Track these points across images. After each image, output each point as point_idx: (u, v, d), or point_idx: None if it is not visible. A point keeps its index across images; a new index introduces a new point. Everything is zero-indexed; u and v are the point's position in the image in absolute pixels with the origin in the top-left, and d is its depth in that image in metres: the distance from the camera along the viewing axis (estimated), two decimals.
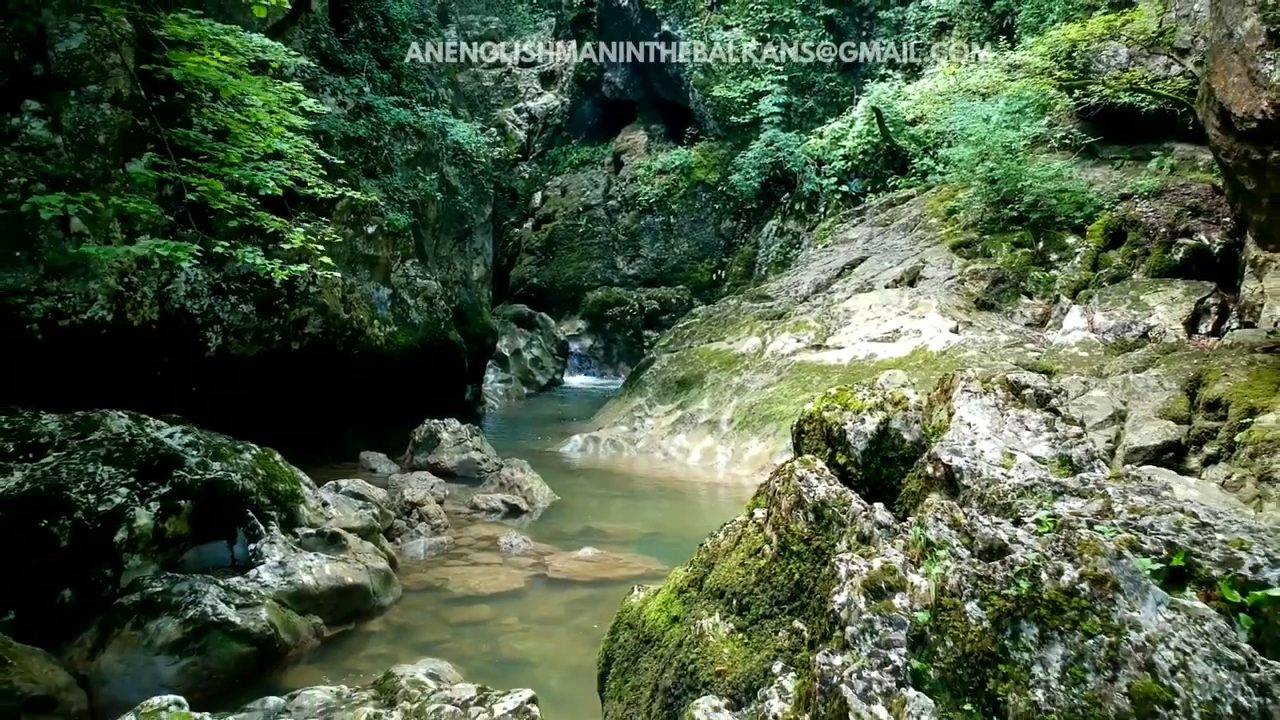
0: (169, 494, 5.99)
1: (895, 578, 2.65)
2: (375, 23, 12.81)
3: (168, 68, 5.89)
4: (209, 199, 5.88)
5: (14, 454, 6.22)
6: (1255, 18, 8.62)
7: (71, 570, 5.54)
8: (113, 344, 9.43)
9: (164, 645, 5.22)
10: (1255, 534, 2.56)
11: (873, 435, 3.52)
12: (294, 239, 6.21)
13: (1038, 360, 10.97)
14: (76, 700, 4.96)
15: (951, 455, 3.29)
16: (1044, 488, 3.01)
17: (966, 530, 2.77)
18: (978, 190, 15.10)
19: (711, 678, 3.09)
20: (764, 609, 3.21)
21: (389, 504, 8.25)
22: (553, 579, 7.22)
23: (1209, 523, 2.62)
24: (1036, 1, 16.74)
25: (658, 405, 13.39)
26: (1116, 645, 2.34)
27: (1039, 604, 2.50)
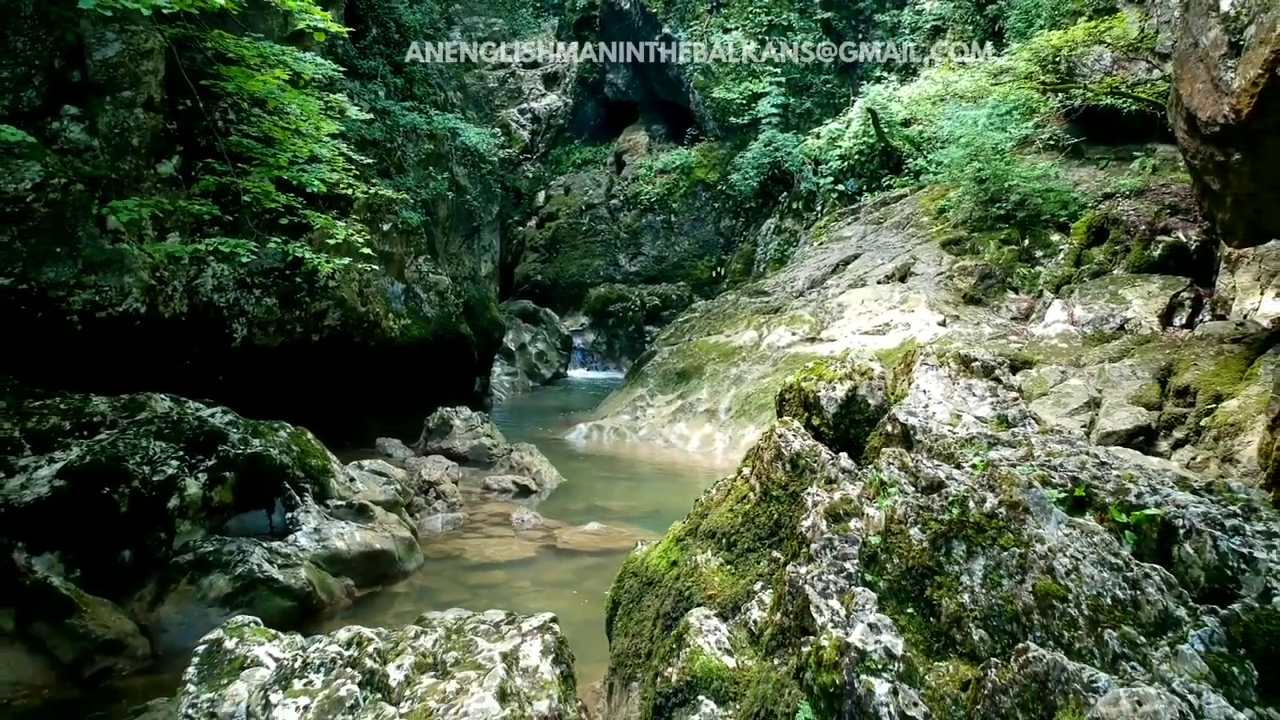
0: (214, 466, 6.59)
1: (852, 506, 3.25)
2: (388, 29, 13.40)
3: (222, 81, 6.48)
4: (262, 199, 6.47)
5: (70, 431, 6.83)
6: (1218, 28, 9.19)
7: (130, 533, 6.14)
8: (146, 334, 10.01)
9: (216, 598, 5.82)
10: (1142, 470, 3.15)
11: (842, 400, 4.12)
12: (338, 234, 6.80)
13: (1019, 351, 11.56)
14: (140, 645, 5.57)
15: (908, 416, 3.88)
16: (981, 440, 3.60)
17: (913, 471, 3.37)
18: (967, 190, 15.68)
19: (704, 600, 3.69)
20: (748, 544, 3.81)
21: (408, 483, 8.85)
22: (561, 549, 7.82)
23: (1107, 463, 3.21)
24: (1024, 7, 17.31)
25: (659, 395, 13.99)
26: (1025, 555, 2.94)
27: (967, 526, 3.10)
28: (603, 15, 28.41)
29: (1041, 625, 2.80)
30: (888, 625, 2.76)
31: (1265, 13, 8.73)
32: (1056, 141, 16.19)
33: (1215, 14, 9.30)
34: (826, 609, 2.88)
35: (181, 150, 10.43)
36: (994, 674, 2.67)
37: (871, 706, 2.53)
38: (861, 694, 2.56)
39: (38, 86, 9.52)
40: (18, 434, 6.63)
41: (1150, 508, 2.96)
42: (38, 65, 9.56)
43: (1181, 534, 2.89)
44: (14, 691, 5.02)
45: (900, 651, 2.65)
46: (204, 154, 10.44)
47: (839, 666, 2.64)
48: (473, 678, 3.16)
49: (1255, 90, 8.62)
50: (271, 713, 3.05)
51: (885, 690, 2.54)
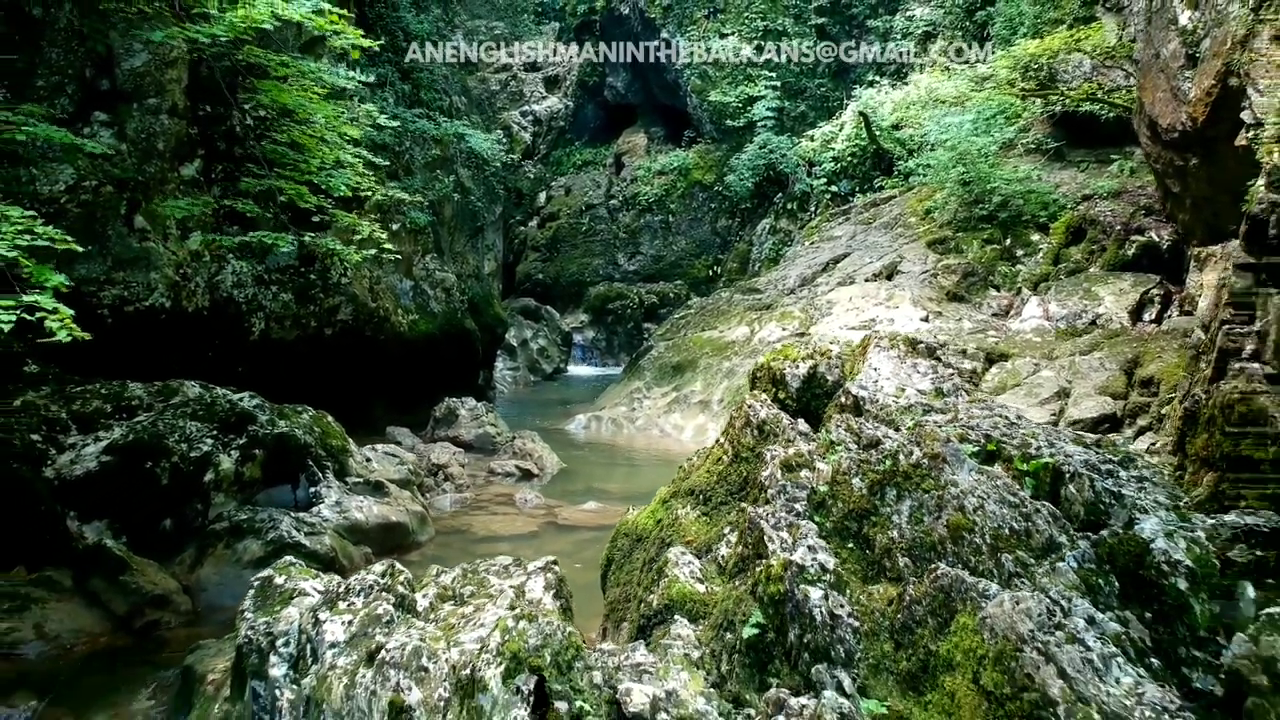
0: (245, 444, 7.23)
1: (803, 459, 3.88)
2: (397, 38, 14.03)
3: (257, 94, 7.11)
4: (296, 200, 7.10)
5: (111, 414, 7.48)
6: (1177, 41, 9.82)
7: (170, 504, 6.78)
8: (170, 328, 10.63)
9: (250, 561, 6.44)
10: (1042, 428, 3.79)
11: (804, 377, 4.75)
12: (363, 230, 7.44)
13: (996, 345, 12.18)
14: (184, 602, 6.20)
15: (859, 389, 4.52)
16: (918, 407, 4.23)
17: (856, 432, 4.00)
18: (952, 191, 16.31)
19: (683, 544, 4.32)
20: (721, 498, 4.45)
21: (418, 466, 9.48)
22: (562, 525, 8.45)
23: (1016, 423, 3.85)
24: (1009, 15, 17.94)
25: (655, 388, 14.63)
26: (942, 497, 3.57)
27: (897, 475, 3.73)
28: (602, 20, 29.03)
29: (953, 552, 3.44)
30: (824, 548, 3.39)
31: (1219, 27, 9.35)
32: (1039, 145, 16.82)
33: (1175, 28, 9.93)
34: (777, 538, 3.51)
35: (203, 154, 11.05)
36: (911, 589, 3.31)
37: (807, 608, 3.17)
38: (800, 599, 3.19)
39: (70, 94, 10.13)
40: (64, 415, 7.27)
41: (1045, 457, 3.60)
42: (70, 75, 10.17)
43: (1068, 478, 3.53)
44: (75, 638, 5.65)
45: (832, 567, 3.29)
46: (224, 157, 11.07)
47: (783, 579, 3.28)
48: (486, 603, 3.79)
49: (1209, 99, 9.24)
50: (321, 628, 3.68)
51: (818, 595, 3.18)
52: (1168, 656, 3.07)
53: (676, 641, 3.37)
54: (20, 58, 9.78)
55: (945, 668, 3.09)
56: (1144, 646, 3.06)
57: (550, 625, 3.17)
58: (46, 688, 5.18)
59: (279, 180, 7.09)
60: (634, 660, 3.22)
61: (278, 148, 7.42)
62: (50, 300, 4.86)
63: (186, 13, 6.48)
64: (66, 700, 5.13)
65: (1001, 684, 2.87)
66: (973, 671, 2.98)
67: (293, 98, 7.00)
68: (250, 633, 3.88)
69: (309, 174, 7.14)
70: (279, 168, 7.29)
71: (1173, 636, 3.09)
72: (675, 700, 3.00)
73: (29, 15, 9.88)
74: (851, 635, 3.14)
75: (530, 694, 2.97)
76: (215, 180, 10.83)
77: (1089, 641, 2.82)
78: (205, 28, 6.13)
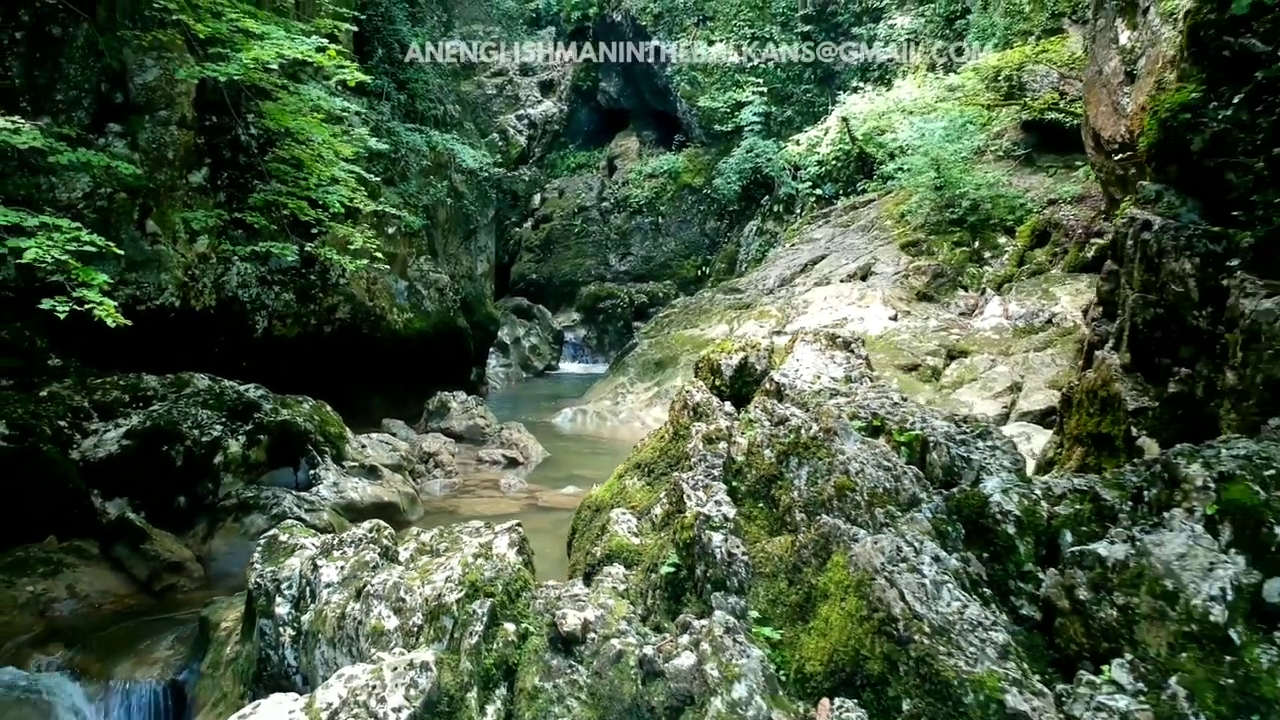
0: (251, 430, 7.97)
1: (722, 434, 4.62)
2: (393, 50, 14.76)
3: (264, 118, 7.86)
4: (298, 213, 7.86)
5: (129, 403, 8.22)
6: (1118, 59, 10.55)
7: (184, 483, 7.52)
8: (179, 325, 11.36)
9: (256, 533, 7.16)
10: (920, 408, 4.52)
11: (736, 367, 5.49)
12: (356, 241, 8.18)
13: (957, 342, 12.93)
14: (197, 569, 6.94)
15: (781, 376, 5.26)
16: (826, 391, 4.97)
17: (770, 412, 4.74)
18: (925, 196, 17.05)
19: (627, 508, 5.06)
20: (661, 470, 5.19)
21: (410, 454, 10.22)
22: (542, 506, 9.19)
23: (899, 404, 4.58)
24: (982, 27, 18.67)
25: (638, 383, 15.37)
26: (831, 462, 4.31)
27: (799, 446, 4.47)
28: (595, 27, 29.75)
29: (839, 507, 4.18)
30: (728, 503, 4.14)
31: (1153, 46, 10.10)
32: (1009, 151, 17.55)
33: (1116, 46, 10.67)
34: (694, 496, 4.25)
35: (210, 162, 11.77)
36: (801, 536, 4.06)
37: (710, 549, 3.91)
38: (705, 541, 3.94)
39: (86, 107, 10.86)
40: (87, 404, 8.02)
41: (916, 430, 4.34)
42: (86, 89, 10.91)
43: (931, 446, 4.27)
44: (103, 598, 6.40)
45: (732, 516, 4.03)
46: (229, 165, 11.80)
47: (694, 527, 4.02)
48: (456, 554, 4.53)
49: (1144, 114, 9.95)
50: (318, 573, 4.43)
51: (720, 538, 3.92)
52: (999, 588, 3.82)
53: (608, 579, 4.11)
54: (41, 73, 10.53)
55: (822, 598, 3.83)
56: (980, 579, 3.80)
57: (504, 562, 3.91)
58: (79, 639, 5.93)
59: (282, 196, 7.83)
60: (573, 593, 3.96)
61: (281, 165, 8.15)
62: (97, 294, 5.62)
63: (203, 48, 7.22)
64: (96, 650, 5.87)
65: (860, 607, 3.61)
66: (841, 599, 3.72)
67: (293, 120, 7.74)
68: (259, 579, 4.62)
69: (308, 190, 7.88)
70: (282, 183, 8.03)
71: (1004, 572, 3.83)
72: (603, 622, 3.73)
73: (49, 34, 10.63)
74: (744, 570, 3.89)
75: (485, 615, 3.72)
76: (221, 187, 11.58)
77: (925, 572, 3.56)
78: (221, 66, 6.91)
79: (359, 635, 3.99)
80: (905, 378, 12.48)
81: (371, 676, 3.43)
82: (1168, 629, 3.22)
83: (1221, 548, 3.29)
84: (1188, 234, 4.68)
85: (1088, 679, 3.32)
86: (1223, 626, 3.12)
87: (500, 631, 3.69)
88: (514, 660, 3.65)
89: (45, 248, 5.42)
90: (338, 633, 4.11)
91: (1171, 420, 4.59)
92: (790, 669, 3.83)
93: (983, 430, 4.37)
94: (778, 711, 3.41)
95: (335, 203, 7.85)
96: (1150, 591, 3.29)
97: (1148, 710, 3.13)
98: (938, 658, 3.33)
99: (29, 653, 5.72)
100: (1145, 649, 3.28)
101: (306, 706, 3.43)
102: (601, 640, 3.61)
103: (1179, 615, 3.19)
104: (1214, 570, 3.18)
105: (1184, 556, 3.25)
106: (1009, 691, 3.24)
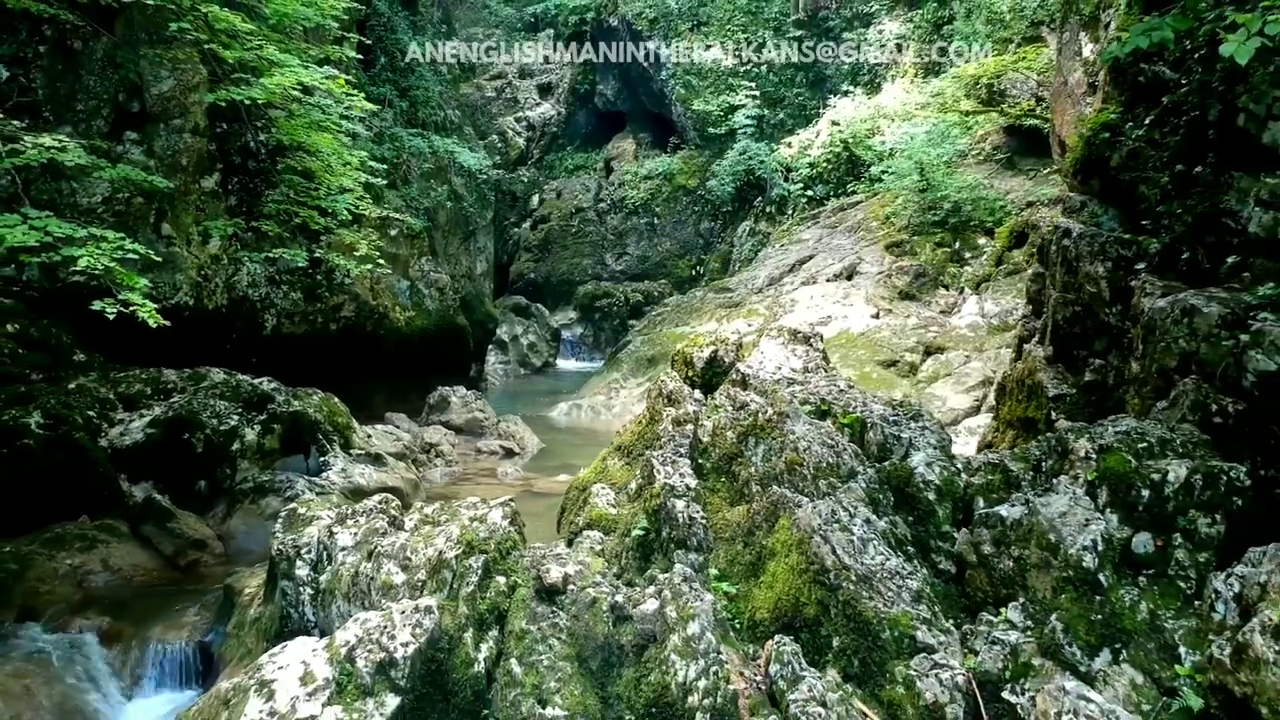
0: (266, 420, 8.59)
1: (691, 416, 5.24)
2: (395, 59, 15.38)
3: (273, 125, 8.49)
4: (309, 221, 8.48)
5: (151, 395, 8.85)
6: (1080, 70, 11.16)
7: (204, 468, 8.14)
8: (193, 323, 11.96)
9: (270, 514, 7.78)
10: (863, 393, 5.14)
11: (707, 359, 6.11)
12: (361, 246, 8.81)
13: (934, 339, 13.54)
14: (217, 546, 7.57)
15: (746, 368, 5.88)
16: (785, 381, 5.59)
17: (733, 398, 5.35)
18: (908, 198, 17.65)
19: (607, 483, 5.68)
20: (639, 452, 5.80)
21: (413, 444, 10.84)
22: (536, 492, 9.81)
23: (845, 391, 5.20)
24: (965, 34, 19.27)
25: (631, 379, 15.99)
26: (784, 441, 4.92)
27: (756, 427, 5.09)
28: (593, 31, 30.33)
29: (789, 480, 4.79)
30: (691, 475, 4.76)
31: None
32: (990, 155, 18.16)
33: (1079, 58, 11.28)
34: (663, 471, 4.87)
35: (221, 168, 12.39)
36: (755, 504, 4.68)
37: (674, 514, 4.53)
38: (670, 508, 4.56)
39: (105, 117, 11.48)
40: (112, 396, 8.64)
41: (856, 413, 4.96)
42: (105, 99, 11.52)
43: (869, 426, 4.89)
44: (134, 571, 7.01)
45: (694, 486, 4.66)
46: (239, 171, 12.42)
47: (660, 495, 4.64)
48: (454, 523, 5.15)
49: None
50: (334, 538, 5.04)
51: (682, 505, 4.54)
52: (922, 546, 4.44)
53: (587, 540, 4.73)
54: (63, 85, 11.15)
55: (770, 556, 4.45)
56: (905, 539, 4.42)
57: (496, 525, 4.53)
58: (114, 608, 6.54)
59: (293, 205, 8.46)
60: (555, 553, 4.58)
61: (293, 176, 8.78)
62: (139, 297, 6.25)
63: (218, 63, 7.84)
64: (129, 616, 6.49)
65: (800, 562, 4.23)
66: (786, 555, 4.34)
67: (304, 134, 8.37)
68: (281, 546, 5.24)
69: (318, 200, 8.51)
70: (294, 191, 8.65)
71: (926, 533, 4.45)
72: (581, 575, 4.35)
73: (71, 48, 11.26)
74: (703, 531, 4.51)
75: (479, 569, 4.33)
76: (231, 191, 12.19)
77: (855, 531, 4.18)
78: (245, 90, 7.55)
79: (370, 590, 4.61)
80: (884, 373, 13.10)
81: (383, 619, 4.04)
82: (1051, 575, 3.84)
83: (1099, 508, 3.91)
84: (1101, 240, 5.29)
85: (987, 619, 3.94)
86: (1093, 572, 3.74)
87: (493, 583, 4.31)
88: (504, 607, 4.26)
89: (95, 256, 6.03)
90: (352, 589, 4.72)
91: (1086, 405, 5.21)
92: (744, 618, 4.45)
93: (915, 413, 4.99)
94: (726, 647, 4.02)
95: (342, 210, 8.47)
96: (1038, 545, 3.91)
97: (1032, 642, 3.75)
98: (861, 601, 3.95)
99: (70, 618, 6.34)
100: (1034, 593, 3.90)
101: (328, 645, 4.05)
102: (579, 590, 4.23)
103: (1060, 564, 3.81)
104: (1089, 526, 3.80)
105: (1065, 515, 3.87)
106: (919, 629, 3.86)
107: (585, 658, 4.01)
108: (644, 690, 3.85)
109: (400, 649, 3.88)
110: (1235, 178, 4.95)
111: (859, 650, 3.90)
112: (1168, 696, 3.51)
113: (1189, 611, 3.67)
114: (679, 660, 3.79)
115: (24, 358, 9.08)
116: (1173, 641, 3.62)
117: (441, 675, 4.00)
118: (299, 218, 8.64)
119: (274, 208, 8.94)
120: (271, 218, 8.96)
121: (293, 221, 8.82)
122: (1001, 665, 3.71)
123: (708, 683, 3.72)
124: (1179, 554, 3.77)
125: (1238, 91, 4.94)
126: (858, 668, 3.87)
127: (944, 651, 3.80)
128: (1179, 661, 3.57)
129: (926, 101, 16.90)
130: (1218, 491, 3.86)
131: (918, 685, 3.69)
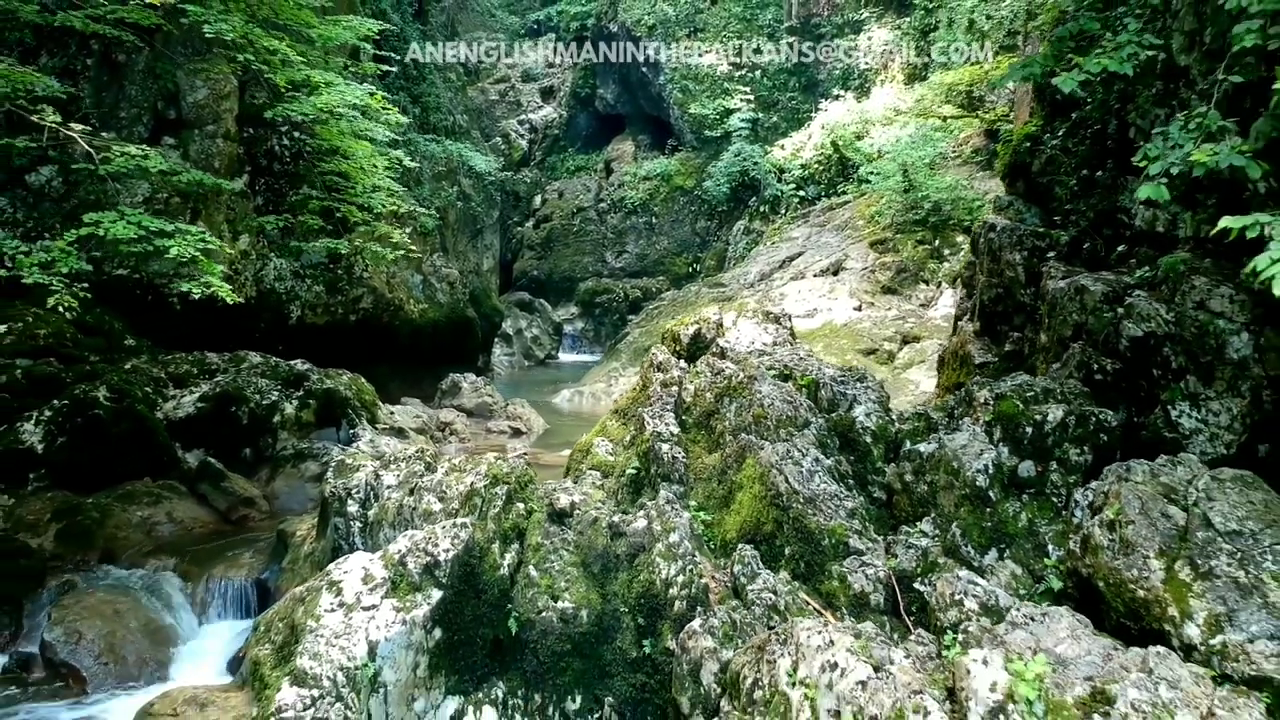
0: (302, 396, 9.63)
1: (675, 380, 6.28)
2: (408, 67, 16.41)
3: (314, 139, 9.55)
4: (349, 216, 9.53)
5: (198, 375, 9.89)
6: None
7: (249, 438, 9.18)
8: (225, 313, 12.90)
9: (310, 477, 8.83)
10: (822, 363, 6.18)
11: (691, 336, 7.15)
12: (395, 237, 9.87)
13: (911, 330, 14.57)
14: (264, 504, 8.60)
15: (725, 342, 6.91)
16: (756, 352, 6.62)
17: (712, 366, 6.38)
18: (892, 198, 18.69)
19: (606, 438, 6.72)
20: (633, 414, 6.84)
21: (429, 423, 11.87)
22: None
23: (804, 359, 6.24)
24: (947, 41, 20.29)
25: (629, 368, 17.01)
26: (751, 399, 5.96)
27: (730, 388, 6.12)
28: (594, 36, 31.38)
29: (756, 430, 5.83)
30: (675, 425, 5.80)
31: None
32: (970, 157, 19.19)
33: None
34: (652, 422, 5.91)
35: (249, 170, 13.43)
36: (727, 450, 5.71)
37: (661, 454, 5.57)
38: (657, 449, 5.60)
39: (145, 123, 12.52)
40: (163, 375, 9.68)
41: (812, 375, 5.99)
42: (146, 107, 12.57)
43: (821, 385, 5.92)
44: (194, 523, 8.05)
45: (676, 433, 5.69)
46: (265, 173, 13.47)
47: (649, 440, 5.68)
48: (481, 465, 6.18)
49: None
50: (380, 479, 6.08)
51: (667, 447, 5.58)
52: (860, 479, 5.48)
53: (589, 477, 5.77)
54: (108, 94, 12.20)
55: (738, 489, 5.49)
56: (847, 474, 5.46)
57: (516, 463, 5.57)
58: (179, 552, 7.58)
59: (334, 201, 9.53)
60: (564, 486, 5.62)
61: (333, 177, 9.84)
62: (218, 279, 7.29)
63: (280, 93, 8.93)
64: (194, 559, 7.52)
65: (761, 490, 5.26)
66: (750, 486, 5.38)
67: (341, 140, 9.42)
68: (333, 489, 6.27)
69: (357, 197, 9.57)
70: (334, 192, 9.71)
71: (864, 469, 5.49)
72: (585, 502, 5.39)
73: (115, 60, 12.32)
74: (684, 469, 5.55)
75: (503, 496, 5.37)
76: (259, 191, 13.24)
77: (805, 465, 5.22)
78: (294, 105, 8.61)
79: (414, 517, 5.64)
80: (865, 360, 14.12)
81: (428, 533, 5.08)
82: (954, 494, 4.88)
83: (993, 442, 4.95)
84: (1019, 233, 6.33)
85: (905, 530, 4.98)
86: (985, 490, 4.78)
87: (514, 508, 5.34)
88: (523, 527, 5.29)
89: (183, 246, 7.07)
90: (397, 518, 5.76)
91: (1005, 372, 6.24)
92: (717, 540, 5.48)
93: (860, 375, 6.03)
94: (701, 556, 5.06)
95: (379, 205, 9.52)
96: (945, 471, 4.95)
97: (938, 545, 4.79)
98: (807, 517, 4.99)
99: (144, 559, 7.38)
100: (942, 509, 4.94)
101: (383, 555, 5.08)
102: (584, 513, 5.27)
103: (960, 485, 4.85)
104: (982, 455, 4.84)
105: (965, 447, 4.91)
106: (851, 537, 4.90)
107: (588, 564, 5.05)
108: (635, 587, 4.89)
109: (443, 554, 4.91)
110: (1128, 181, 5.97)
111: (804, 555, 4.93)
112: (1038, 582, 4.54)
113: (1059, 520, 4.69)
114: (662, 562, 4.82)
115: (84, 342, 10.13)
116: (1044, 543, 4.64)
117: (474, 578, 5.03)
118: (340, 212, 9.68)
119: (316, 204, 9.98)
120: (315, 213, 10.00)
121: (335, 215, 9.86)
122: (914, 564, 4.74)
123: (685, 578, 4.76)
124: (1054, 477, 4.79)
125: (1129, 109, 5.96)
126: (803, 569, 4.91)
127: (870, 555, 4.83)
128: (1048, 556, 4.60)
129: (911, 106, 17.89)
130: (1088, 429, 4.88)
131: (849, 579, 4.72)
